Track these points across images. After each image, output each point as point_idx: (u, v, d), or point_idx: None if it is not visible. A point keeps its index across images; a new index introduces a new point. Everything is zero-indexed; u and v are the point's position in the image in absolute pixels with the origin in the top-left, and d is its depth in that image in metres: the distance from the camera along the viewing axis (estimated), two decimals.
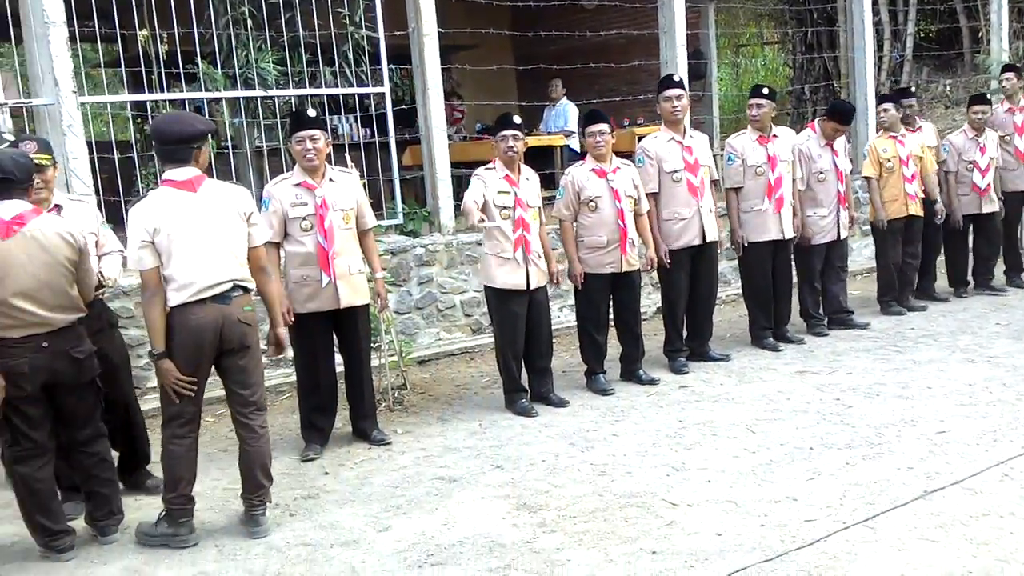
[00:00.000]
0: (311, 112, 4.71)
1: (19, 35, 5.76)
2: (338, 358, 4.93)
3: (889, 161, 6.76)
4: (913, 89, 8.30)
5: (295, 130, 4.60)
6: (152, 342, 3.59)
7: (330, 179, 4.66)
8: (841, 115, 6.48)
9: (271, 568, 3.47)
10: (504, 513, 3.79)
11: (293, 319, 4.55)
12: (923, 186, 6.92)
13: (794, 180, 6.24)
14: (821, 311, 6.57)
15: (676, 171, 5.70)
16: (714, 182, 5.98)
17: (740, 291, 6.67)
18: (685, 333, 6.00)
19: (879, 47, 12.76)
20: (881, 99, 7.23)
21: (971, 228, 7.45)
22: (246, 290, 3.71)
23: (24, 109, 5.64)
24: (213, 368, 3.75)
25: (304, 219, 4.57)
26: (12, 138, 4.17)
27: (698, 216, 5.72)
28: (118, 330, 4.45)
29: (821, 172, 6.38)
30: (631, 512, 3.69)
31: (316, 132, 4.56)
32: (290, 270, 4.64)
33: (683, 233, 5.72)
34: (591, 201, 5.37)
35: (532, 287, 5.12)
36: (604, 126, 5.42)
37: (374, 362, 5.39)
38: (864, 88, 9.24)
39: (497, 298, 5.15)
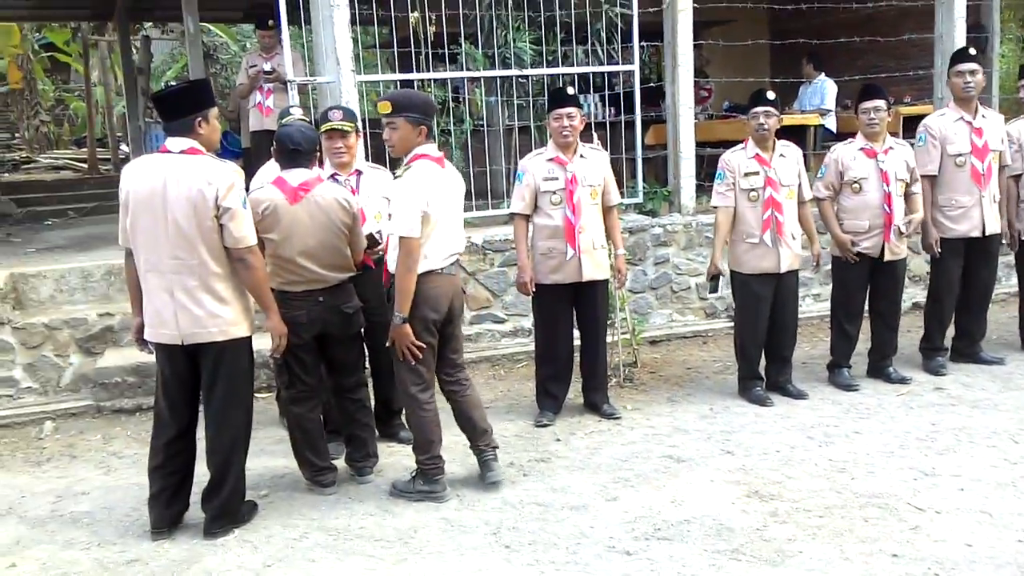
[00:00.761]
0: (570, 90, 4.88)
1: (307, 18, 6.36)
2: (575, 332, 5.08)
3: None
4: None
5: (553, 107, 4.78)
6: (400, 307, 3.73)
7: (581, 155, 4.80)
8: None
9: (506, 521, 3.68)
10: (734, 498, 3.76)
11: (535, 289, 4.74)
12: None
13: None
14: None
15: (960, 154, 5.27)
16: (1002, 168, 5.46)
17: (1018, 288, 6.01)
18: (953, 332, 5.56)
19: None
20: None
21: None
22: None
23: (308, 86, 6.24)
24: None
25: (555, 193, 4.74)
26: (299, 111, 4.65)
27: (979, 206, 5.27)
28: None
29: None
30: (871, 512, 3.53)
31: (573, 110, 4.72)
32: (537, 242, 4.83)
33: (960, 223, 5.30)
34: (855, 182, 5.11)
35: (782, 271, 4.98)
36: (881, 102, 5.09)
37: (608, 338, 5.50)
38: None
39: (743, 279, 5.05)
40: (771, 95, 4.93)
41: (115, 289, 5.87)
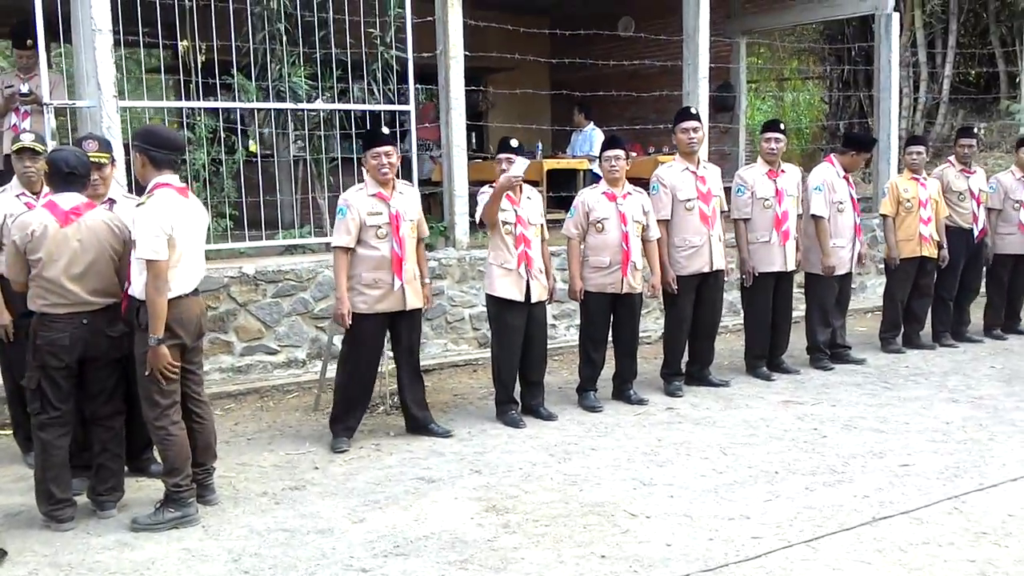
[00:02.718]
0: (385, 129, 5.11)
1: (68, 35, 6.15)
2: None
3: (908, 201, 6.86)
4: (976, 130, 8.38)
5: (371, 145, 4.96)
6: (154, 329, 3.82)
7: (399, 192, 5.02)
8: (859, 143, 6.66)
9: (249, 548, 3.71)
10: (473, 513, 4.00)
11: (351, 321, 4.91)
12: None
13: (799, 215, 6.39)
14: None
15: (689, 200, 5.88)
16: (723, 213, 6.16)
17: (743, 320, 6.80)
18: (687, 358, 6.16)
19: (915, 88, 12.81)
20: (913, 140, 7.31)
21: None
22: None
23: (67, 109, 6.02)
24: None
25: (380, 227, 4.91)
26: (30, 136, 4.54)
27: (708, 244, 5.90)
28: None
29: (840, 203, 6.50)
30: (591, 520, 3.88)
31: (390, 148, 4.93)
32: (362, 273, 4.95)
33: (693, 260, 5.90)
34: (599, 222, 5.59)
35: (532, 300, 5.35)
36: (620, 152, 5.65)
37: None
38: (888, 127, 9.32)
39: (497, 308, 5.38)
40: (514, 142, 5.35)
41: None
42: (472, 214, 7.28)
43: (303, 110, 6.90)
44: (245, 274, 6.27)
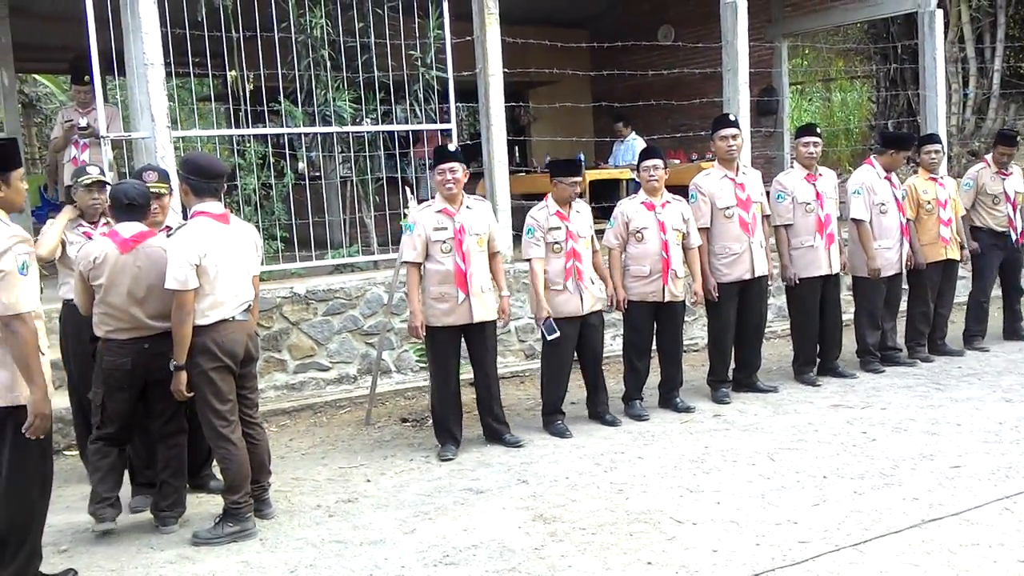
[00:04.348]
0: (451, 146, 5.25)
1: (123, 68, 6.42)
2: None
3: (929, 203, 6.72)
4: (1017, 136, 8.13)
5: (438, 163, 5.12)
6: (176, 355, 4.01)
7: (467, 206, 5.15)
8: (896, 142, 6.59)
9: (304, 559, 3.83)
10: (520, 523, 4.07)
11: (424, 333, 5.09)
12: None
13: (840, 217, 6.34)
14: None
15: (728, 207, 5.89)
16: (765, 217, 6.15)
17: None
18: (733, 365, 6.15)
19: (964, 84, 12.57)
20: (928, 139, 7.14)
21: None
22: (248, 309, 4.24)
23: (123, 140, 6.28)
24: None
25: (444, 242, 5.06)
26: (96, 170, 4.79)
27: (749, 251, 5.90)
28: None
29: (883, 204, 6.44)
30: (637, 527, 3.91)
31: (455, 164, 5.06)
32: (430, 287, 5.12)
33: (734, 267, 5.90)
34: (638, 232, 5.64)
35: (585, 311, 5.42)
36: (658, 161, 5.70)
37: (426, 382, 5.74)
38: (935, 125, 9.17)
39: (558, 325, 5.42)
40: (580, 157, 5.46)
41: None
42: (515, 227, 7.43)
43: (348, 133, 7.08)
44: (296, 294, 6.45)
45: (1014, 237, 7.06)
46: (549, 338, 5.37)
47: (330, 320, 6.58)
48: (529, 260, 5.45)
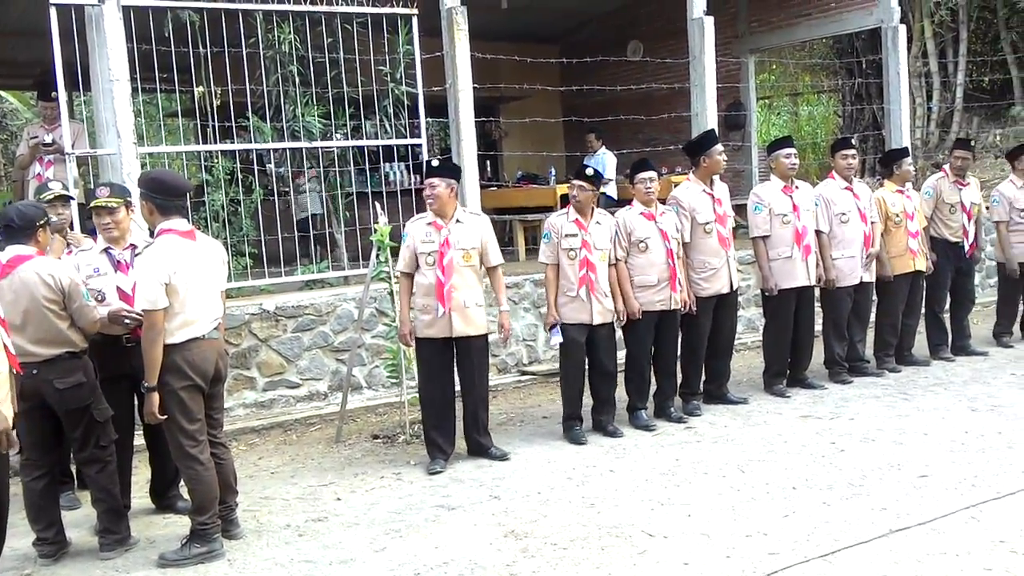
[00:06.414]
0: (434, 162, 5.28)
1: (89, 84, 6.35)
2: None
3: (897, 216, 6.79)
4: (972, 142, 8.32)
5: (424, 177, 5.19)
6: (148, 377, 3.90)
7: (458, 220, 5.15)
8: (838, 145, 6.83)
9: None
10: (492, 539, 4.04)
11: (413, 342, 5.15)
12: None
13: (818, 230, 6.40)
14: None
15: (708, 222, 5.92)
16: (733, 230, 6.18)
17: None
18: (704, 377, 6.17)
19: (928, 97, 12.81)
20: (900, 152, 7.23)
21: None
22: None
23: (88, 157, 6.21)
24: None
25: (429, 255, 5.09)
26: (58, 185, 4.72)
27: (727, 265, 5.94)
28: None
29: (843, 214, 6.48)
30: (609, 541, 3.90)
31: (436, 180, 5.10)
32: (416, 299, 5.17)
33: (712, 281, 5.92)
34: (642, 242, 5.67)
35: (595, 323, 5.44)
36: (653, 173, 5.77)
37: (395, 398, 5.70)
38: (899, 138, 9.32)
39: (565, 330, 5.46)
40: (589, 170, 5.49)
41: None
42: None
43: (318, 148, 7.05)
44: (265, 310, 6.40)
45: (966, 247, 7.16)
46: (552, 342, 5.49)
47: (300, 336, 6.53)
48: (545, 265, 5.55)
